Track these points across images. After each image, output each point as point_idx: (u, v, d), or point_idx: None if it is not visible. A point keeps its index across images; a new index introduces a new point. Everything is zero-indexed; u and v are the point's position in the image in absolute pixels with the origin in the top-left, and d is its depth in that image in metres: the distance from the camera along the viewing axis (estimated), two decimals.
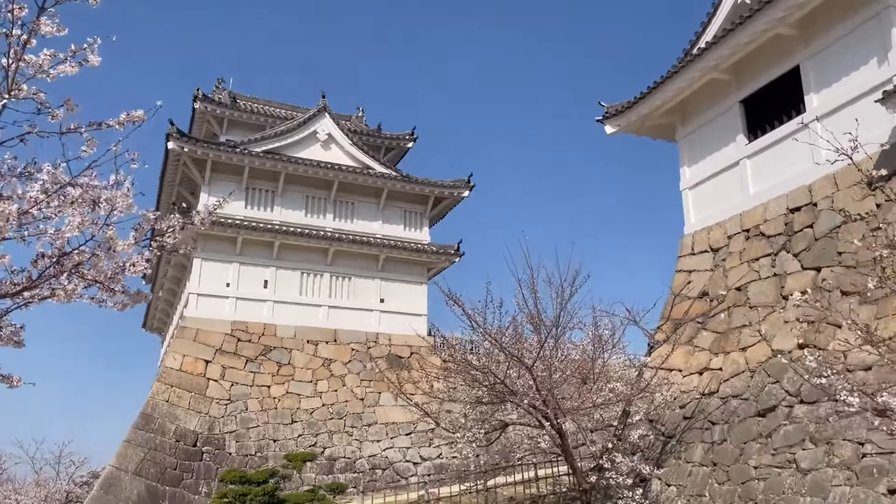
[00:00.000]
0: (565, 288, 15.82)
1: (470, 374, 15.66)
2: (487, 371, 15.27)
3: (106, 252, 5.89)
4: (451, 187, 37.03)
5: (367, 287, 35.36)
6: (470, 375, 15.65)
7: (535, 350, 15.09)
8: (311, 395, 31.74)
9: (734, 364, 18.60)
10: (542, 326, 14.83)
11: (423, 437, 32.23)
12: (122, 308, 6.62)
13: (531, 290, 15.94)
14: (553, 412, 15.62)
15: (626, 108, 23.93)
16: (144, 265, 6.52)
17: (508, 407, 16.79)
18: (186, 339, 30.93)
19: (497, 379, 15.29)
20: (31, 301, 5.93)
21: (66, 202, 5.30)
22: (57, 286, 5.89)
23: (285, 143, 35.66)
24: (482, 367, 15.19)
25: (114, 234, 5.93)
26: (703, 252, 21.85)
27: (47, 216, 5.36)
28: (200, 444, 28.46)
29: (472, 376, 15.67)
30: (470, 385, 16.16)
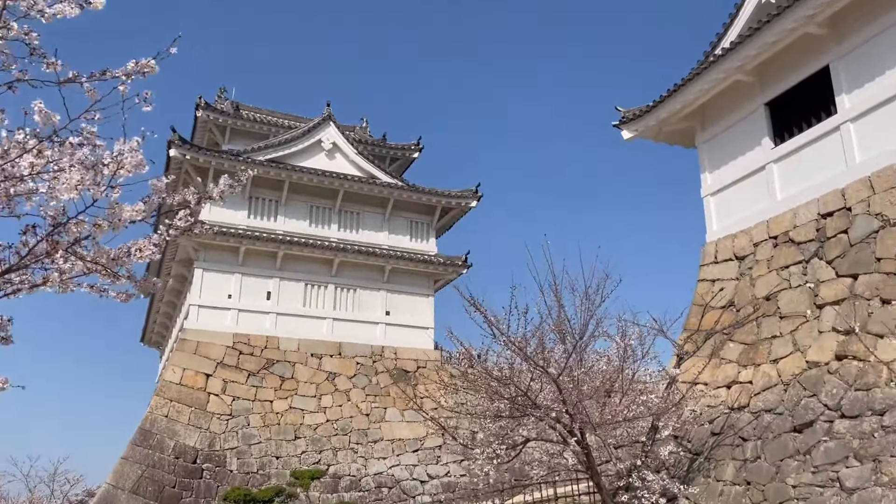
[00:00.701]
0: (592, 294, 14.94)
1: (490, 386, 14.73)
2: (509, 382, 14.34)
3: (110, 222, 5.01)
4: (459, 197, 36.25)
5: (373, 299, 34.45)
6: (490, 387, 14.72)
7: (562, 361, 14.17)
8: (315, 410, 30.72)
9: (765, 377, 17.67)
10: (569, 335, 13.92)
11: (430, 455, 31.19)
12: (126, 299, 5.74)
13: (555, 297, 15.05)
14: (580, 427, 14.68)
15: (643, 113, 23.18)
16: (152, 250, 5.65)
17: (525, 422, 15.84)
18: (187, 351, 29.95)
19: (519, 391, 14.36)
20: (19, 288, 5.03)
21: (63, 153, 4.43)
22: (50, 267, 5.00)
23: (289, 152, 34.92)
24: (504, 379, 14.26)
25: (121, 210, 5.04)
26: (728, 260, 20.99)
27: (38, 172, 4.47)
28: (200, 461, 27.40)
29: (493, 388, 14.73)
30: (490, 398, 15.22)
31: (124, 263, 5.39)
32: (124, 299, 5.74)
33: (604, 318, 14.40)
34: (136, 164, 4.98)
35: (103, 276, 5.41)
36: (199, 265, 31.62)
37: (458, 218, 37.53)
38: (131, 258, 5.42)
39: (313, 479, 26.95)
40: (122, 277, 5.43)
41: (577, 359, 14.11)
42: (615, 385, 14.61)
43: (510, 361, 14.58)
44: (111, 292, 5.60)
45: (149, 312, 44.68)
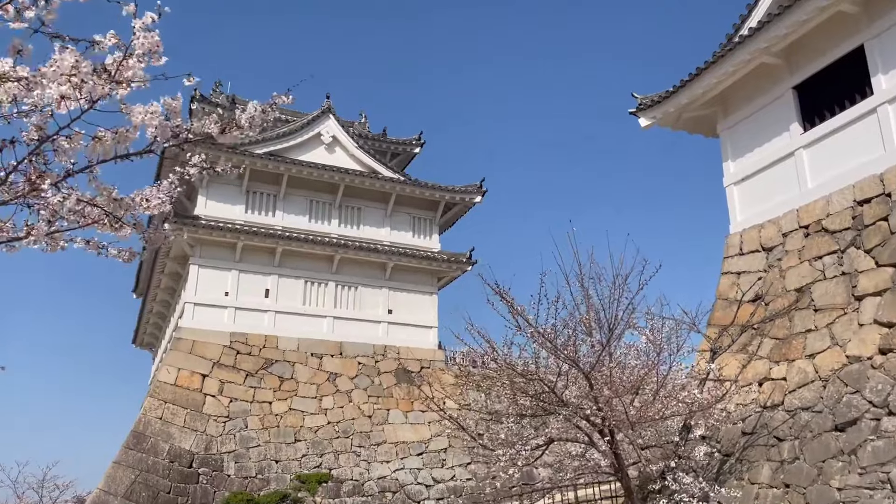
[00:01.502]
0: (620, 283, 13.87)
1: (514, 383, 13.66)
2: (535, 378, 13.27)
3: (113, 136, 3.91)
4: (463, 192, 35.18)
5: (374, 297, 33.32)
6: (514, 384, 13.64)
7: (591, 355, 13.11)
8: (316, 411, 29.54)
9: (801, 373, 16.65)
10: (599, 327, 12.84)
11: (435, 458, 30.06)
12: (130, 258, 4.66)
13: (581, 287, 13.99)
14: (611, 426, 13.62)
15: (662, 99, 22.19)
16: (161, 199, 4.55)
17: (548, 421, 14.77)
18: (182, 351, 28.73)
19: (546, 387, 13.29)
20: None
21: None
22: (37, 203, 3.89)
23: (287, 146, 33.79)
24: (529, 374, 13.19)
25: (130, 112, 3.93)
26: (754, 252, 19.99)
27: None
28: (196, 466, 26.18)
29: (516, 385, 13.66)
30: (513, 395, 14.14)
31: (131, 209, 4.29)
32: (127, 258, 4.66)
33: (636, 309, 13.33)
34: (149, 50, 3.87)
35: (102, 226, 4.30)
36: (194, 261, 30.42)
37: (461, 214, 36.46)
38: (137, 208, 4.32)
39: (321, 483, 25.74)
40: (127, 226, 4.33)
41: (608, 352, 13.04)
42: (649, 381, 13.55)
43: (535, 355, 13.52)
44: (111, 250, 4.51)
45: (141, 312, 43.38)
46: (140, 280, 43.82)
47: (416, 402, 31.57)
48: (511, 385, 13.83)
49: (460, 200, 35.31)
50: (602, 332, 13.77)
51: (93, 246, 4.49)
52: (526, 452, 14.01)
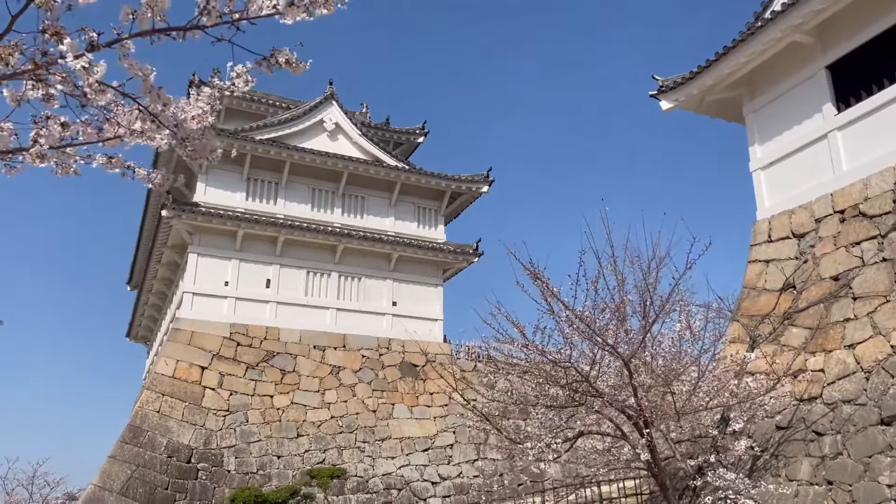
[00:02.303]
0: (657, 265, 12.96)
1: (544, 371, 12.74)
2: (569, 365, 12.35)
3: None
4: (469, 182, 34.24)
5: (379, 288, 32.35)
6: (544, 373, 12.72)
7: (627, 341, 12.19)
8: (319, 406, 28.56)
9: (840, 364, 15.79)
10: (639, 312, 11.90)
11: (441, 454, 29.13)
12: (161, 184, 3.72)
13: (612, 269, 13.06)
14: (648, 418, 12.72)
15: (686, 80, 21.29)
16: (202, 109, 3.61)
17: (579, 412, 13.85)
18: (180, 342, 27.69)
19: (581, 376, 12.37)
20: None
21: None
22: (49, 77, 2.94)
23: (289, 132, 32.76)
24: (563, 361, 12.27)
25: None
26: (784, 238, 19.13)
27: None
28: (195, 461, 25.17)
29: (546, 374, 12.74)
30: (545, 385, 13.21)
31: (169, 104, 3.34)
32: (160, 182, 3.71)
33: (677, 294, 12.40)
34: None
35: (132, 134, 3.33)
36: (193, 250, 29.37)
37: (467, 204, 35.52)
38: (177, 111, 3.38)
39: (333, 479, 24.74)
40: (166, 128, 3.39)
41: (650, 338, 12.12)
42: (689, 371, 12.64)
43: (567, 341, 12.59)
44: (140, 170, 3.57)
45: (136, 305, 42.26)
46: (135, 272, 42.73)
47: (421, 397, 30.66)
48: (541, 374, 12.90)
49: (466, 190, 34.37)
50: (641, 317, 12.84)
51: (116, 164, 3.56)
52: (556, 445, 13.09)
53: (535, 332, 12.53)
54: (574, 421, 13.83)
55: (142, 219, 35.60)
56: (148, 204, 34.04)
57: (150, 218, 34.41)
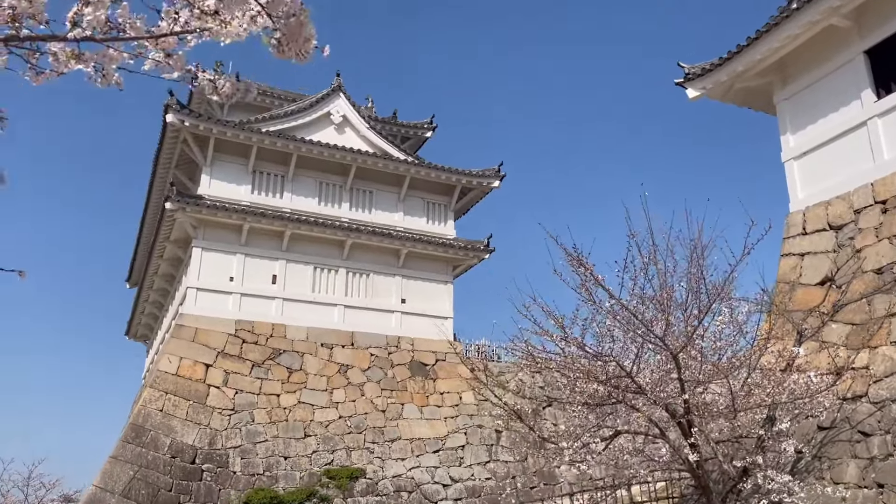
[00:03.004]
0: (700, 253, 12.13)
1: (581, 367, 11.89)
2: (610, 359, 11.52)
3: None
4: (480, 176, 33.41)
5: (387, 285, 31.48)
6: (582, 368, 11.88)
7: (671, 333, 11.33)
8: (327, 405, 27.67)
9: (888, 361, 14.98)
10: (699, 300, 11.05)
11: (452, 456, 28.25)
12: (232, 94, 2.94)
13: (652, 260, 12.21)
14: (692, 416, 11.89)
15: (715, 67, 20.48)
16: None
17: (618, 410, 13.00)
18: (184, 339, 26.78)
19: (623, 371, 11.53)
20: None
21: None
22: None
23: (295, 125, 31.89)
24: (605, 356, 11.44)
25: None
26: (820, 231, 18.31)
27: None
28: (200, 461, 24.26)
29: (584, 369, 11.90)
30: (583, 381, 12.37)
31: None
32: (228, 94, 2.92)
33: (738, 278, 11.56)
34: None
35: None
36: (197, 244, 28.47)
37: (478, 199, 34.68)
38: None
39: (353, 479, 23.82)
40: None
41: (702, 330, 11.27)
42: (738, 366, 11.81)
43: (608, 334, 11.75)
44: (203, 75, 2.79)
45: (136, 302, 41.30)
46: (134, 268, 41.81)
47: (431, 397, 29.79)
48: (579, 369, 12.05)
49: (477, 185, 33.53)
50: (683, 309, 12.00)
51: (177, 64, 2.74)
52: (595, 445, 12.24)
53: (573, 324, 11.69)
54: (612, 419, 12.98)
55: (143, 212, 34.69)
56: (150, 197, 33.14)
57: (152, 211, 33.51)
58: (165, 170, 31.21)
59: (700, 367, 11.35)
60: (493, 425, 29.86)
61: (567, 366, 11.87)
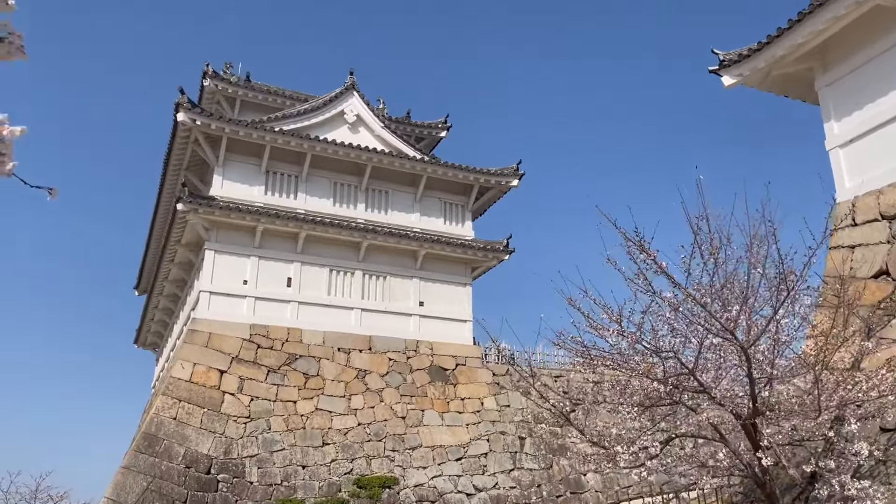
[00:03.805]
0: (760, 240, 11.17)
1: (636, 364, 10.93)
2: (671, 355, 10.57)
3: None
4: (499, 175, 32.51)
5: (405, 288, 30.55)
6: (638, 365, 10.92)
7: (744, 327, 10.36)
8: (345, 412, 26.71)
9: None
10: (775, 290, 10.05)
11: (475, 464, 27.24)
12: None
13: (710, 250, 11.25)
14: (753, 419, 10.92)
15: (753, 52, 19.56)
16: None
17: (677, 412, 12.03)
18: (197, 344, 25.87)
19: (686, 368, 10.57)
20: None
21: None
22: None
23: (309, 124, 31.07)
24: (664, 351, 10.48)
25: None
26: (872, 221, 17.33)
27: None
28: (215, 472, 23.31)
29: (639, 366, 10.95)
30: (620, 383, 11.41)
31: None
32: None
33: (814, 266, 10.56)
34: None
35: None
36: (210, 246, 27.60)
37: (496, 199, 33.77)
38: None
39: (385, 488, 22.82)
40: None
41: (776, 323, 10.30)
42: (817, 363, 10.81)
43: (669, 326, 10.78)
44: None
45: (145, 309, 40.45)
46: (143, 275, 40.99)
47: (452, 403, 28.81)
48: (634, 367, 11.08)
49: (496, 184, 32.63)
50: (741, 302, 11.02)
51: None
52: (655, 449, 11.26)
53: (627, 318, 10.72)
54: (668, 421, 12.01)
55: (153, 216, 33.86)
56: (160, 200, 32.33)
57: (163, 214, 32.70)
58: (176, 171, 30.39)
59: (772, 362, 10.36)
60: (515, 432, 28.88)
61: (623, 363, 10.89)
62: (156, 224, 34.15)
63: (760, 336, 10.17)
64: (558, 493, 27.70)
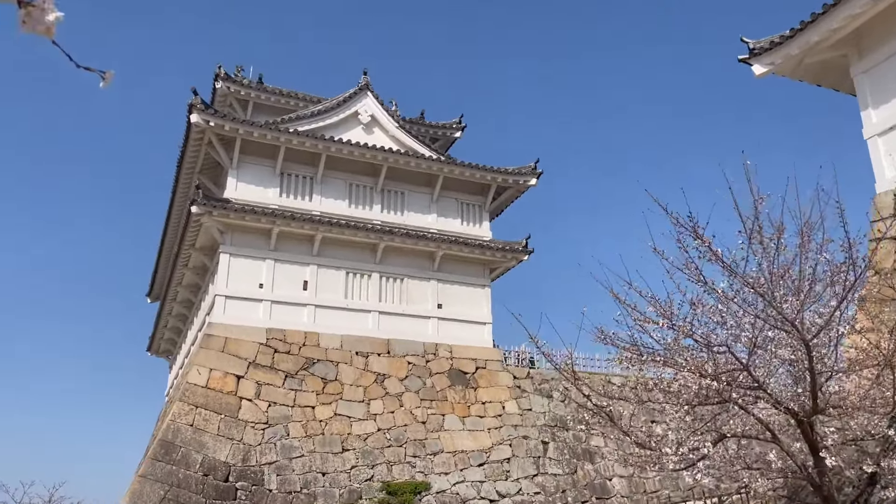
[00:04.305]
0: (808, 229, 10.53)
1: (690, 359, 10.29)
2: (725, 349, 9.92)
3: None
4: (516, 175, 31.91)
5: (422, 290, 29.96)
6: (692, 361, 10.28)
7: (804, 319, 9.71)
8: (364, 417, 26.10)
9: None
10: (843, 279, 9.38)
11: (498, 469, 26.57)
12: None
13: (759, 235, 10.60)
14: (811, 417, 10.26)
15: (785, 39, 18.92)
16: None
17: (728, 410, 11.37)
18: (213, 349, 25.34)
19: (741, 364, 9.92)
20: None
21: None
22: None
23: (323, 125, 30.59)
24: (718, 345, 9.84)
25: None
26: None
27: None
28: (234, 479, 22.74)
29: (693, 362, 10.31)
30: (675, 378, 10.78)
31: None
32: None
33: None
34: None
35: None
36: (225, 249, 27.11)
37: (513, 199, 33.16)
38: None
39: (417, 494, 22.17)
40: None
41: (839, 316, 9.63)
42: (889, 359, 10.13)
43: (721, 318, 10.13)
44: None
45: (158, 316, 40.00)
46: (156, 281, 40.58)
47: (473, 407, 28.16)
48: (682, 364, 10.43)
49: (513, 183, 32.03)
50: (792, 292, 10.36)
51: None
52: (707, 449, 10.60)
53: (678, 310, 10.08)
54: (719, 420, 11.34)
55: (165, 220, 33.43)
56: (172, 204, 31.90)
57: (176, 218, 32.27)
58: (189, 174, 29.94)
59: (835, 357, 9.70)
60: (538, 436, 28.20)
61: (673, 360, 10.25)
62: (168, 228, 33.72)
63: (823, 328, 9.51)
64: (583, 498, 26.98)
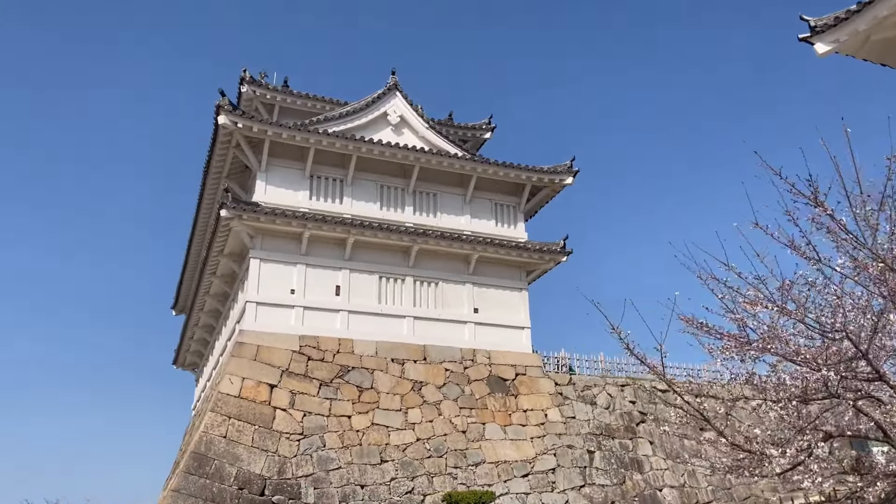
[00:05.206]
0: None
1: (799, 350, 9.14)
2: (842, 336, 8.77)
3: None
4: (552, 173, 30.84)
5: (458, 294, 28.89)
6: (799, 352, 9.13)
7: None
8: (402, 426, 24.99)
9: None
10: None
11: (543, 480, 25.33)
12: None
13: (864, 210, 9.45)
14: None
15: (852, 14, 17.72)
16: None
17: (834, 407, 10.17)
18: (245, 357, 24.39)
19: (860, 352, 8.75)
20: None
21: None
22: None
23: (351, 126, 29.72)
24: (836, 330, 8.68)
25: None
26: None
27: None
28: (269, 493, 21.68)
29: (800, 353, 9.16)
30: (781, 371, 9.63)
31: None
32: None
33: None
34: None
35: None
36: (255, 254, 26.20)
37: (549, 199, 32.06)
38: None
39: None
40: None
41: None
42: None
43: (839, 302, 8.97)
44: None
45: (184, 327, 39.18)
46: (181, 293, 39.81)
47: (514, 415, 26.97)
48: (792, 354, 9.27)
49: (549, 182, 30.94)
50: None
51: None
52: (821, 450, 9.40)
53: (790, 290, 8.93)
54: (827, 418, 10.15)
55: (192, 228, 32.66)
56: (199, 210, 31.11)
57: (202, 224, 31.50)
58: (217, 178, 29.14)
59: None
60: (583, 445, 26.93)
61: (782, 348, 9.08)
62: (195, 235, 32.95)
63: None
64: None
